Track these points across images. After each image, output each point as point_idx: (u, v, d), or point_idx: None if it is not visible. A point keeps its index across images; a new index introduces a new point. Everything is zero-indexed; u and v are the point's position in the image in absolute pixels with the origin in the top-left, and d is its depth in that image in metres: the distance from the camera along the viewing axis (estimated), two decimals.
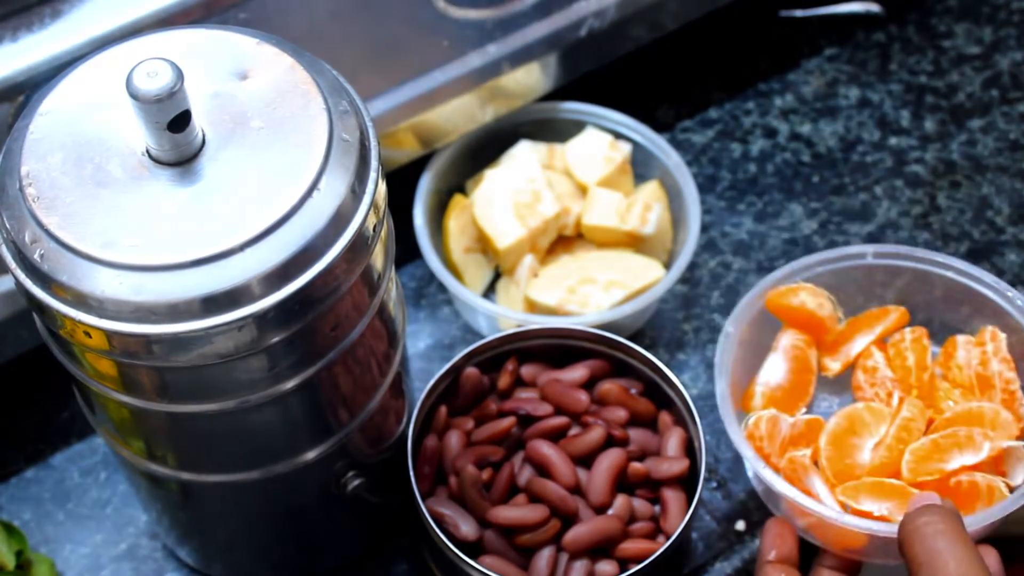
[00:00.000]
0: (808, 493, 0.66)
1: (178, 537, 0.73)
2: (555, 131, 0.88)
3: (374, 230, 0.56)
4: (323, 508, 0.69)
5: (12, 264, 0.53)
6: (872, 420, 0.69)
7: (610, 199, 0.83)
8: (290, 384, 0.57)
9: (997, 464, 0.67)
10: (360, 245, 0.54)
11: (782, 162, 0.93)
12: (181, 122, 0.52)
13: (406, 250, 0.84)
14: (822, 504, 0.65)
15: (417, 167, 0.84)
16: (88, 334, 0.52)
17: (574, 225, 0.84)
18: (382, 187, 0.56)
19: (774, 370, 0.73)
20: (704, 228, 0.89)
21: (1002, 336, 0.71)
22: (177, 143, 0.52)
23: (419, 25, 0.82)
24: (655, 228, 0.83)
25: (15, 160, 0.53)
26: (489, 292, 0.85)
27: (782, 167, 0.92)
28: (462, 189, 0.87)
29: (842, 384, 0.75)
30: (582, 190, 0.85)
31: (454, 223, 0.84)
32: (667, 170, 0.85)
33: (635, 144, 0.87)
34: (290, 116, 0.54)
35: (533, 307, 0.81)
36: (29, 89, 0.69)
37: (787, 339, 0.73)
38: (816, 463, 0.68)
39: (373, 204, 0.55)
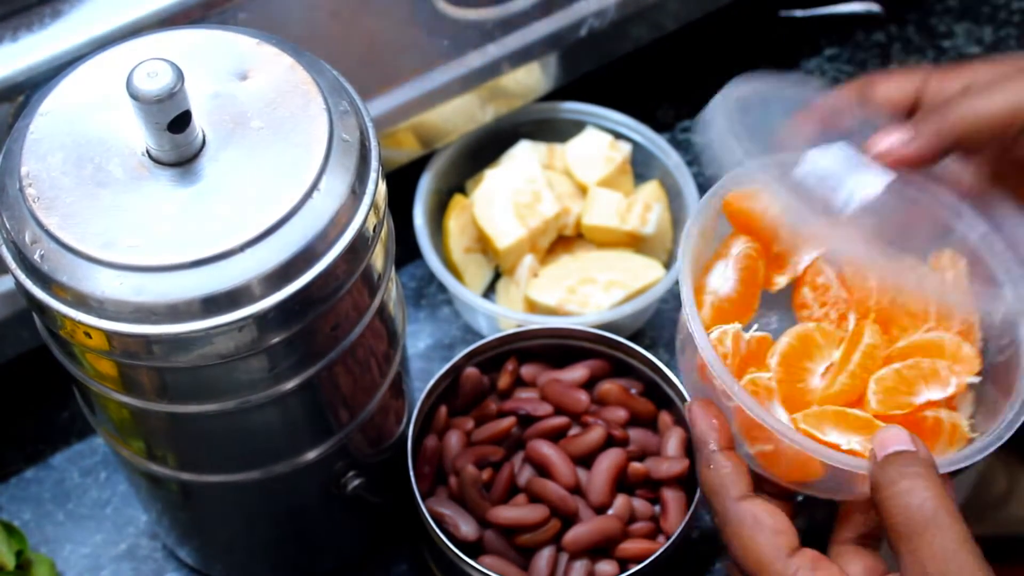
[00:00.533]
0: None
1: (178, 537, 0.73)
2: (555, 131, 0.88)
3: (374, 230, 0.56)
4: (323, 508, 0.69)
5: (12, 264, 0.53)
6: (824, 343, 0.63)
7: (610, 199, 0.83)
8: (290, 384, 0.57)
9: (950, 402, 0.62)
10: (360, 245, 0.54)
11: None
12: (181, 122, 0.52)
13: (406, 250, 0.84)
14: (797, 434, 0.58)
15: (417, 167, 0.84)
16: (88, 335, 0.52)
17: (574, 225, 0.84)
18: (382, 187, 0.56)
19: (723, 280, 0.65)
20: None
21: (962, 261, 0.64)
22: (177, 143, 0.52)
23: (419, 25, 0.82)
24: (655, 228, 0.83)
25: (15, 160, 0.53)
26: (489, 292, 0.85)
27: None
28: (462, 189, 0.87)
29: (782, 301, 0.68)
30: (582, 190, 0.85)
31: (454, 223, 0.84)
32: (667, 170, 0.85)
33: (635, 144, 0.87)
34: (290, 116, 0.54)
35: (533, 307, 0.81)
36: (29, 89, 0.69)
37: (738, 247, 0.65)
38: None
39: (373, 204, 0.55)
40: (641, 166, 0.87)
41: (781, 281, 0.66)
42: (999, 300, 0.63)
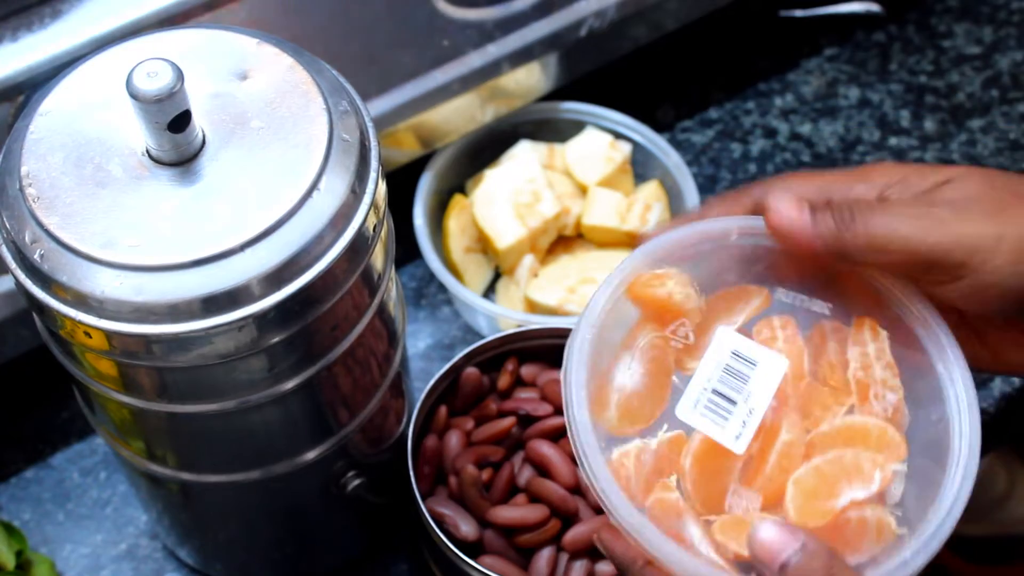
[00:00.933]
0: (680, 540, 0.54)
1: (178, 537, 0.73)
2: (555, 131, 0.88)
3: (374, 230, 0.56)
4: (323, 508, 0.69)
5: (12, 264, 0.53)
6: None
7: (610, 199, 0.83)
8: (290, 384, 0.57)
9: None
10: (360, 245, 0.54)
11: (782, 162, 0.93)
12: (181, 122, 0.52)
13: (406, 250, 0.84)
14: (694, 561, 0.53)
15: (417, 167, 0.84)
16: (88, 334, 0.52)
17: (574, 225, 0.84)
18: (382, 187, 0.56)
19: (629, 373, 0.59)
20: None
21: (883, 333, 0.59)
22: (177, 143, 0.52)
23: (419, 25, 0.82)
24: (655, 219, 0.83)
25: (15, 160, 0.53)
26: (489, 292, 0.85)
27: (782, 167, 0.92)
28: (462, 189, 0.87)
29: None
30: (582, 190, 0.85)
31: (454, 223, 0.84)
32: (667, 170, 0.85)
33: (635, 144, 0.87)
34: (290, 116, 0.54)
35: (533, 307, 0.81)
36: (29, 89, 0.69)
37: (644, 336, 0.60)
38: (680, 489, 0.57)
39: (373, 204, 0.55)
40: (641, 166, 0.87)
41: (693, 365, 0.60)
42: (927, 374, 0.58)
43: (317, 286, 0.53)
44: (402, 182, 0.84)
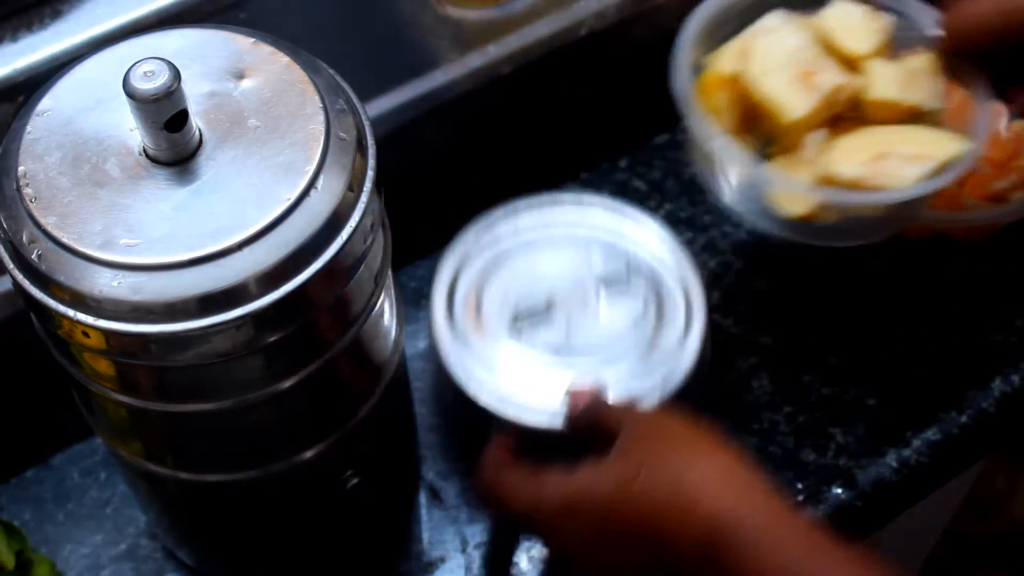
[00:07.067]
0: None
1: (177, 537, 0.73)
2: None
3: (372, 229, 0.56)
4: (322, 507, 0.69)
5: (9, 264, 0.53)
6: None
7: (893, 71, 0.76)
8: (288, 383, 0.57)
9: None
10: (358, 244, 0.54)
11: None
12: (178, 121, 0.52)
13: (406, 250, 0.84)
14: None
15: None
16: (86, 334, 0.52)
17: (846, 102, 0.76)
18: (379, 186, 0.56)
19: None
20: (704, 228, 0.89)
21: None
22: (174, 142, 0.52)
23: (419, 25, 0.82)
24: (942, 101, 0.76)
25: (12, 160, 0.53)
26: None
27: None
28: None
29: None
30: (849, 64, 0.77)
31: (711, 103, 0.76)
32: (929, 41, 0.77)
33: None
34: (287, 115, 0.54)
35: (831, 183, 0.73)
36: (29, 89, 0.69)
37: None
38: None
39: (371, 203, 0.55)
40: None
41: None
42: None
43: (315, 285, 0.53)
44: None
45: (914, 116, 0.75)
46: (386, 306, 0.62)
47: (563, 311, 0.77)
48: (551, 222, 0.81)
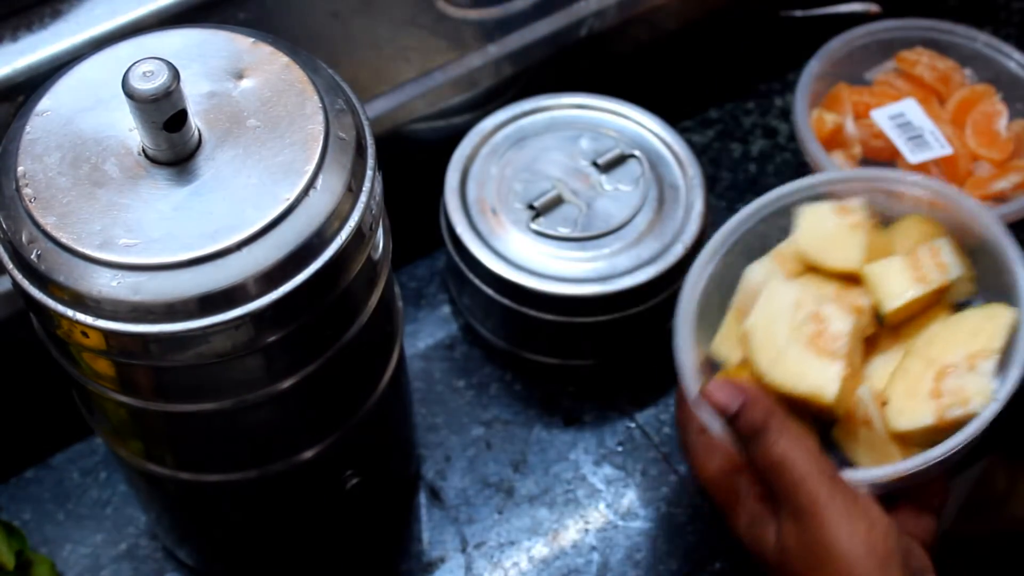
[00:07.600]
0: None
1: (177, 537, 0.73)
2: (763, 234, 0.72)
3: (371, 228, 0.56)
4: (322, 508, 0.69)
5: (9, 265, 0.53)
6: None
7: (897, 267, 0.68)
8: (287, 383, 0.57)
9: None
10: (357, 243, 0.54)
11: (782, 162, 0.93)
12: (177, 121, 0.52)
13: (406, 250, 0.84)
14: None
15: None
16: (85, 334, 0.52)
17: (870, 323, 0.68)
18: (379, 185, 0.56)
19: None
20: (703, 228, 0.89)
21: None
22: (173, 142, 0.52)
23: (419, 25, 0.82)
24: (960, 266, 0.68)
25: (11, 160, 0.53)
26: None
27: (782, 167, 0.92)
28: None
29: None
30: (847, 278, 0.70)
31: None
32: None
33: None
34: (286, 115, 0.54)
35: (906, 442, 0.65)
36: (29, 89, 0.69)
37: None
38: None
39: (370, 202, 0.55)
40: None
41: None
42: None
43: (314, 285, 0.53)
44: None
45: (940, 293, 0.68)
46: (386, 305, 0.62)
47: (571, 198, 0.80)
48: (539, 119, 0.84)
